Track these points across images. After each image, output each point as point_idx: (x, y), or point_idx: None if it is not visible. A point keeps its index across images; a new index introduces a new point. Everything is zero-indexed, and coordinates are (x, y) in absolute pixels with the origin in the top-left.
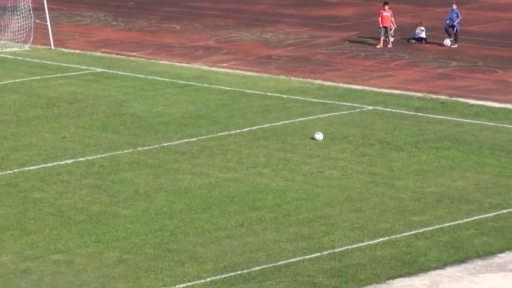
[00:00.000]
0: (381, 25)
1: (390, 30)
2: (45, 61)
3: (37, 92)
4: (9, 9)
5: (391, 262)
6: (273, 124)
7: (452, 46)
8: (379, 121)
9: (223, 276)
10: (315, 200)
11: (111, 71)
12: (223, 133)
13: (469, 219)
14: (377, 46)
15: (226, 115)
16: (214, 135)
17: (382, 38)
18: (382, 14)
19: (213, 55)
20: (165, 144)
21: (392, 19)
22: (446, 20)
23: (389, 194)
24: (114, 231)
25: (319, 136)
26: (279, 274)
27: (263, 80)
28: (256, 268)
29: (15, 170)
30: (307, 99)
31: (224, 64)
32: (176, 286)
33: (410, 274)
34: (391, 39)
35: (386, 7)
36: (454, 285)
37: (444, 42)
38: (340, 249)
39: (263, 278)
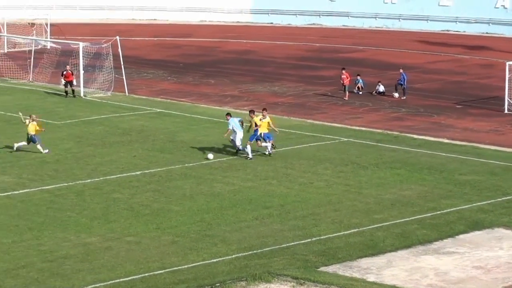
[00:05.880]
0: (343, 83)
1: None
2: (121, 103)
3: (116, 125)
4: (97, 67)
5: (359, 246)
6: (278, 149)
7: (401, 98)
8: (352, 149)
9: (244, 254)
10: (307, 202)
11: (167, 111)
12: (243, 155)
13: (413, 217)
14: (344, 98)
15: (246, 142)
16: (238, 156)
17: (347, 93)
18: (341, 76)
19: (237, 101)
20: (204, 162)
21: (347, 79)
22: (398, 80)
23: (358, 199)
24: (169, 221)
25: (211, 156)
26: (282, 253)
27: (271, 119)
28: (267, 249)
29: (101, 178)
30: (302, 132)
31: (244, 108)
32: (211, 260)
33: (373, 255)
34: (347, 93)
35: (344, 71)
36: (403, 263)
37: (394, 95)
38: (324, 237)
39: (271, 256)
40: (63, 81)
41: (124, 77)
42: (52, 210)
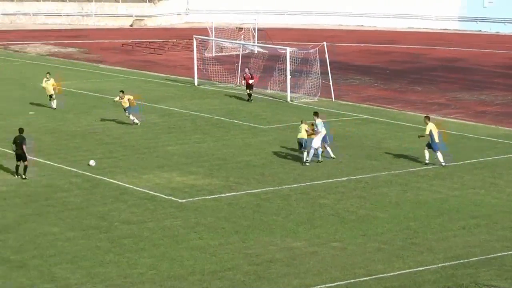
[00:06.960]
0: None
1: None
2: (327, 109)
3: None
4: (304, 72)
5: None
6: (486, 158)
7: None
8: None
9: (450, 263)
10: None
11: (373, 118)
12: (450, 164)
13: None
14: None
15: (453, 151)
16: (444, 165)
17: None
18: None
19: (444, 109)
20: (411, 170)
21: None
22: None
23: None
24: (375, 228)
25: (92, 163)
26: (489, 264)
27: (478, 128)
28: (473, 259)
29: (307, 183)
30: (511, 142)
31: (451, 116)
32: (417, 269)
33: None
34: None
35: None
36: None
37: None
38: None
39: (478, 266)
40: (243, 82)
41: (330, 83)
42: (258, 213)
